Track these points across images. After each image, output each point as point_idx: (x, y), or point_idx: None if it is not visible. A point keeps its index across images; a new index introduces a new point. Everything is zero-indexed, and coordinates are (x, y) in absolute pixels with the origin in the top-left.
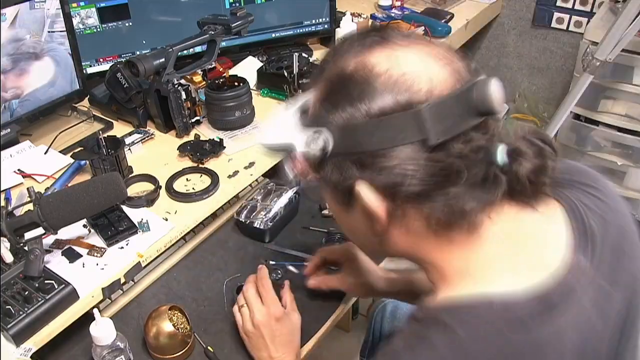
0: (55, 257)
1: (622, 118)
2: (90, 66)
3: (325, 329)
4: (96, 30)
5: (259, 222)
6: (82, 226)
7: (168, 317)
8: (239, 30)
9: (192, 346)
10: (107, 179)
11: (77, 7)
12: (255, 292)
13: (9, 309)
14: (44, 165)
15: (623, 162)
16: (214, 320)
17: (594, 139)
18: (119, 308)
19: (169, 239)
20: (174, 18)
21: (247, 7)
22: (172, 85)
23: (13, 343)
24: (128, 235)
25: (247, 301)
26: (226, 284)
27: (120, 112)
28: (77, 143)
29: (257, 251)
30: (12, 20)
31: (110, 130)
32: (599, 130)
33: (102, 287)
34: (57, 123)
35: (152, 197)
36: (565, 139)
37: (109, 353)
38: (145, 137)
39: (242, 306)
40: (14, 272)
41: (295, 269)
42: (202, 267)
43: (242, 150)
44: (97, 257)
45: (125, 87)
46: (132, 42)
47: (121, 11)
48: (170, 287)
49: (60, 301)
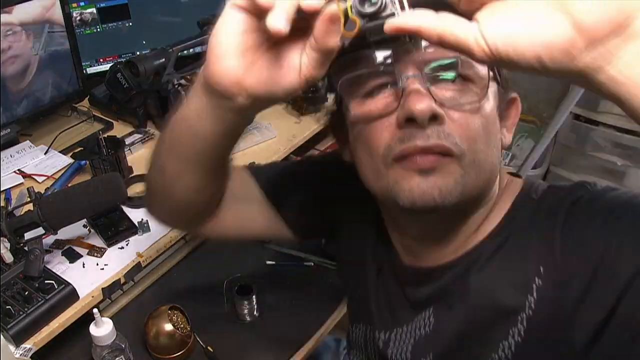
0: (55, 257)
1: (622, 118)
2: (90, 66)
3: (325, 328)
4: (96, 30)
5: None
6: (82, 226)
7: (168, 317)
8: None
9: (192, 346)
10: (107, 179)
11: (77, 7)
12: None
13: (9, 309)
14: (44, 165)
15: (623, 162)
16: (214, 320)
17: (594, 139)
18: (119, 308)
19: (169, 239)
20: (174, 18)
21: None
22: (172, 85)
23: (13, 343)
24: (128, 235)
25: None
26: (226, 284)
27: (120, 112)
28: (77, 143)
29: (257, 251)
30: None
31: (110, 130)
32: (599, 130)
33: (102, 287)
34: (57, 123)
35: None
36: (565, 139)
37: (109, 353)
38: (145, 137)
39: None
40: (14, 272)
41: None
42: (202, 267)
43: (242, 150)
44: (97, 257)
45: (125, 87)
46: (132, 42)
47: (121, 11)
48: (170, 287)
49: (60, 301)
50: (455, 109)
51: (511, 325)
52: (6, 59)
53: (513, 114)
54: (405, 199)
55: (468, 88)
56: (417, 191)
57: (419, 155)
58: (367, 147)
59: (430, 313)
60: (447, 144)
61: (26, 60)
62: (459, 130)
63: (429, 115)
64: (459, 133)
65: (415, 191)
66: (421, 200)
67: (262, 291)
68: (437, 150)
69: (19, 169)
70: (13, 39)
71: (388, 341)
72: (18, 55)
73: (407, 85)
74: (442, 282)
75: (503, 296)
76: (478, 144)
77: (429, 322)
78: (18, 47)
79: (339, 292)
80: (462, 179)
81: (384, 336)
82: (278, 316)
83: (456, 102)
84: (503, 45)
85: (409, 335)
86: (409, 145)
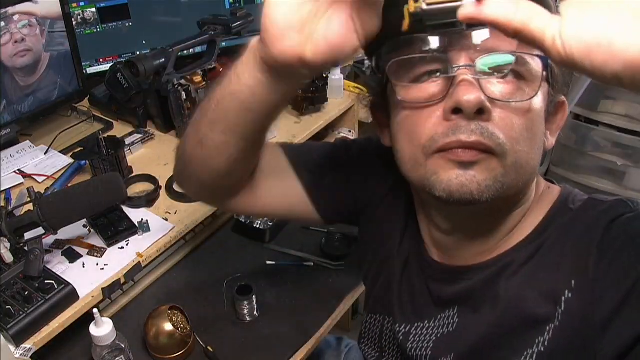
0: (55, 257)
1: (622, 118)
2: (90, 66)
3: (325, 328)
4: (96, 30)
5: (259, 222)
6: (82, 226)
7: (168, 317)
8: (239, 30)
9: (192, 346)
10: (107, 179)
11: (77, 7)
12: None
13: (9, 309)
14: (44, 165)
15: (623, 162)
16: (214, 320)
17: (594, 139)
18: (119, 308)
19: (169, 239)
20: (174, 18)
21: (247, 7)
22: (172, 85)
23: (13, 343)
24: (128, 236)
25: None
26: (226, 284)
27: (120, 112)
28: (77, 143)
29: (257, 251)
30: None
31: (110, 130)
32: (599, 130)
33: (102, 287)
34: (57, 123)
35: (152, 197)
36: (565, 139)
37: (109, 353)
38: (145, 137)
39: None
40: (14, 272)
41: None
42: (202, 267)
43: None
44: (97, 257)
45: (125, 87)
46: (132, 42)
47: (121, 11)
48: (170, 287)
49: (60, 301)
50: (503, 107)
51: (538, 334)
52: (18, 51)
53: (559, 118)
54: (442, 191)
55: (519, 86)
56: (456, 183)
57: (461, 149)
58: (408, 134)
59: (455, 312)
60: (490, 143)
61: (37, 55)
62: (504, 129)
63: (477, 107)
64: (503, 132)
65: (453, 183)
66: (458, 192)
67: (262, 291)
68: (480, 148)
69: (19, 169)
70: (28, 31)
71: (408, 334)
72: (30, 49)
73: (457, 75)
74: (471, 283)
75: (533, 305)
76: (521, 145)
77: (453, 321)
78: (31, 41)
79: (339, 292)
80: (502, 177)
81: (404, 329)
82: (278, 316)
83: (505, 99)
84: (579, 55)
85: (431, 332)
86: (452, 140)
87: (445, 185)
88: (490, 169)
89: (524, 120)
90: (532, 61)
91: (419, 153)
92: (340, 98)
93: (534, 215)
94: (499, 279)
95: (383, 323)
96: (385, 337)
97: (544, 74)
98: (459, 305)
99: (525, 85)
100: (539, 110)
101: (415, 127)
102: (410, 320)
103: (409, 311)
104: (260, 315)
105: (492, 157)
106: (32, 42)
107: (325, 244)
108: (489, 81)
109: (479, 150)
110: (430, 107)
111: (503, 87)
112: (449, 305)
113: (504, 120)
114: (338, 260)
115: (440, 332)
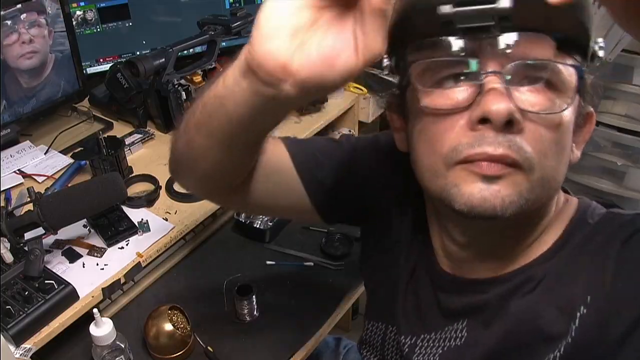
0: (55, 257)
1: (622, 118)
2: (90, 66)
3: (325, 329)
4: (96, 30)
5: (259, 222)
6: (82, 226)
7: (168, 317)
8: (239, 30)
9: (192, 346)
10: (107, 179)
11: (77, 7)
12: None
13: (9, 309)
14: (44, 165)
15: (623, 162)
16: (214, 320)
17: (594, 139)
18: (119, 308)
19: (169, 239)
20: (174, 18)
21: (247, 7)
22: (172, 85)
23: (13, 343)
24: (128, 236)
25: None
26: (226, 284)
27: (120, 112)
28: (77, 143)
29: (257, 251)
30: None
31: (110, 130)
32: (599, 130)
33: (102, 287)
34: (57, 123)
35: (152, 197)
36: None
37: (109, 353)
38: (145, 137)
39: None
40: (14, 272)
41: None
42: (202, 267)
43: None
44: (97, 257)
45: (125, 87)
46: (132, 42)
47: (121, 11)
48: (170, 287)
49: (60, 301)
50: (533, 118)
51: (550, 351)
52: (25, 52)
53: (586, 130)
54: (463, 204)
55: (550, 97)
56: (478, 197)
57: (486, 162)
58: (429, 142)
59: (464, 326)
60: (518, 157)
61: (44, 58)
62: (533, 142)
63: (507, 119)
64: (532, 145)
65: (475, 197)
66: (481, 207)
67: (262, 291)
68: (506, 162)
69: (19, 169)
70: (36, 32)
71: (414, 346)
72: (37, 51)
73: (485, 82)
74: (483, 297)
75: (547, 322)
76: (549, 159)
77: (461, 335)
78: (39, 42)
79: (339, 292)
80: (528, 193)
81: (410, 340)
82: (278, 316)
83: (536, 111)
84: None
85: (437, 344)
86: (477, 151)
87: (467, 199)
88: (515, 184)
89: (554, 133)
90: (566, 71)
91: (440, 163)
92: (340, 98)
93: (553, 230)
94: (514, 295)
95: (385, 332)
96: (387, 346)
97: (577, 84)
98: (468, 318)
99: (557, 97)
100: (569, 122)
101: (437, 135)
102: (416, 332)
103: (414, 322)
104: (260, 315)
105: (518, 171)
106: (40, 43)
107: (325, 244)
108: (518, 89)
109: (505, 164)
110: (455, 116)
111: (534, 97)
112: (458, 317)
113: (533, 133)
114: (338, 260)
115: (447, 345)
